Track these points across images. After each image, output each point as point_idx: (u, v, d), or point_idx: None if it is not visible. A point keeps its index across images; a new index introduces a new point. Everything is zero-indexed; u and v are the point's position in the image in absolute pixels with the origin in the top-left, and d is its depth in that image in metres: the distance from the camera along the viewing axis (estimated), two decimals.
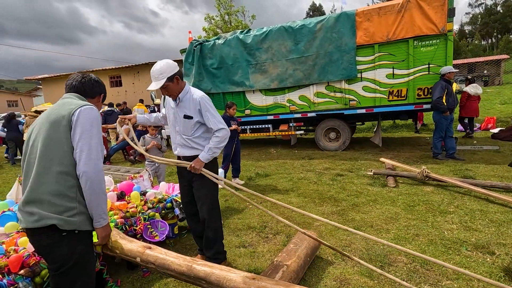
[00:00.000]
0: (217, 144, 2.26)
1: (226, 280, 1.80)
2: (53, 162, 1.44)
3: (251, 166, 6.38)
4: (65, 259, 1.44)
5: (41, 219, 1.39)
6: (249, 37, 7.42)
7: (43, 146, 1.46)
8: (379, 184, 4.48)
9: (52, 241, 1.42)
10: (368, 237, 2.01)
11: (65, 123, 1.47)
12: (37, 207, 1.41)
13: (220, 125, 2.27)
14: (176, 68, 2.22)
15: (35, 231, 1.44)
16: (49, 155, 1.45)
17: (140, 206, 2.80)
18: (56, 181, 1.43)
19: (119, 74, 20.52)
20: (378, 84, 6.50)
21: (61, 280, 1.48)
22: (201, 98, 2.28)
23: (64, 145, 1.46)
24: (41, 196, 1.41)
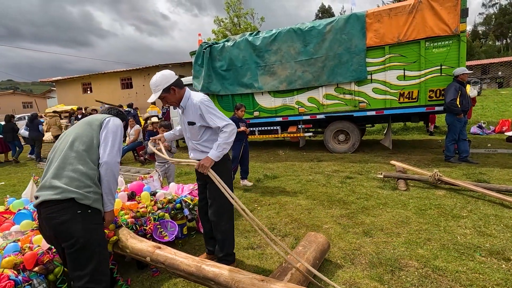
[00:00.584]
0: (226, 139, 2.22)
1: (234, 282, 1.80)
2: (82, 147, 1.79)
3: (259, 168, 6.38)
4: (79, 234, 1.62)
5: (64, 191, 1.64)
6: (258, 39, 7.45)
7: (76, 135, 1.83)
8: (389, 187, 4.41)
9: (67, 217, 1.61)
10: None
11: (97, 123, 1.90)
12: (61, 181, 1.67)
13: (225, 121, 2.27)
14: (172, 79, 2.25)
15: (53, 207, 1.63)
16: (80, 141, 1.81)
17: (150, 207, 2.84)
18: (81, 163, 1.74)
19: (130, 76, 20.87)
20: (389, 85, 6.42)
21: (78, 256, 1.63)
22: (200, 102, 2.28)
23: (94, 138, 1.84)
24: (67, 173, 1.70)
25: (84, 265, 1.64)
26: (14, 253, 1.97)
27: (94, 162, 1.80)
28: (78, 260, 1.64)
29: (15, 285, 1.76)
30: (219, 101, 8.39)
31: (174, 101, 2.33)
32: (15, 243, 2.07)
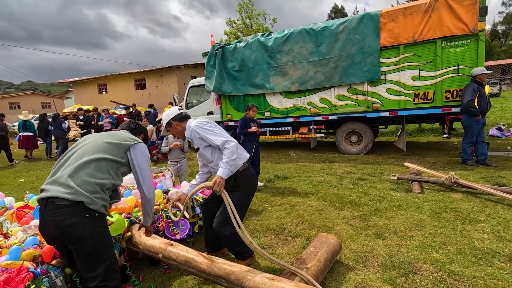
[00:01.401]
0: (230, 155, 2.22)
1: (245, 280, 1.81)
2: (104, 156, 1.87)
3: (270, 168, 6.38)
4: (88, 237, 1.65)
5: (75, 193, 1.67)
6: (270, 39, 7.45)
7: (102, 147, 1.90)
8: (403, 189, 4.32)
9: (76, 220, 1.64)
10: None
11: (125, 146, 1.97)
12: (75, 182, 1.72)
13: (224, 138, 2.29)
14: (171, 115, 2.49)
15: (61, 210, 1.65)
16: (104, 152, 1.88)
17: (163, 204, 2.88)
18: (99, 171, 1.82)
19: (144, 77, 21.26)
20: (403, 86, 6.29)
21: (88, 258, 1.67)
22: (196, 126, 2.39)
23: (117, 157, 1.92)
24: (83, 176, 1.76)
25: (96, 266, 1.68)
26: (33, 246, 2.04)
27: (109, 173, 1.87)
28: (89, 262, 1.69)
29: (34, 277, 1.83)
30: (230, 101, 8.44)
31: (178, 133, 2.51)
32: (34, 237, 2.14)
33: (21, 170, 8.28)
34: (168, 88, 19.92)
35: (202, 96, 9.14)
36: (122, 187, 3.08)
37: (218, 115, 8.78)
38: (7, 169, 8.46)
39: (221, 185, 2.12)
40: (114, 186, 1.92)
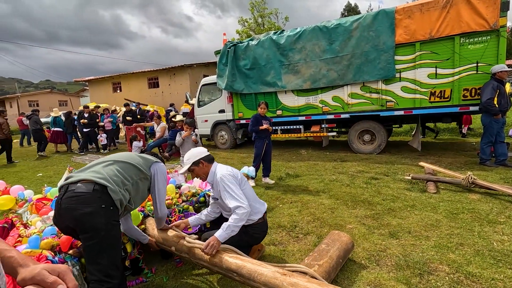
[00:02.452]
0: (236, 222, 2.13)
1: (257, 274, 1.81)
2: (130, 162, 2.08)
3: (281, 166, 6.35)
4: (101, 227, 1.67)
5: (104, 178, 1.81)
6: (282, 37, 7.42)
7: (128, 155, 2.18)
8: (417, 189, 4.22)
9: (91, 209, 1.68)
10: None
11: (150, 160, 2.23)
12: (105, 171, 1.91)
13: (237, 202, 2.19)
14: (201, 155, 2.42)
15: (79, 197, 1.72)
16: (130, 159, 2.12)
17: (175, 199, 2.92)
18: (124, 170, 2.01)
19: (156, 76, 21.55)
20: (419, 84, 6.14)
21: (95, 249, 1.67)
22: (220, 178, 2.31)
23: (141, 166, 2.13)
24: (112, 169, 1.95)
25: (100, 259, 1.65)
26: (52, 236, 2.11)
27: (132, 178, 2.03)
28: (95, 253, 1.66)
29: None
30: (242, 99, 8.46)
31: (202, 174, 2.43)
32: (53, 227, 2.21)
33: (39, 165, 8.55)
34: (181, 87, 20.13)
35: (214, 94, 9.20)
36: None
37: (230, 113, 8.82)
38: (26, 164, 8.76)
39: (214, 248, 2.02)
40: (130, 196, 1.97)
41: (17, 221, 2.51)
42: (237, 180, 2.35)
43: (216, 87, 8.86)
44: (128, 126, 9.62)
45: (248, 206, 2.21)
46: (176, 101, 17.50)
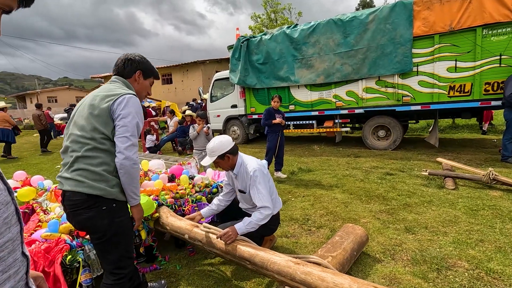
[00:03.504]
0: (259, 220, 2.13)
1: (270, 263, 1.80)
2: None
3: (293, 161, 6.31)
4: (106, 229, 1.54)
5: (88, 186, 1.48)
6: (296, 31, 7.33)
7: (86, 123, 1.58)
8: (435, 185, 4.10)
9: (93, 214, 1.50)
10: None
11: (107, 110, 1.55)
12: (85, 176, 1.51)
13: (266, 203, 2.16)
14: (228, 147, 2.27)
15: (77, 201, 1.50)
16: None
17: (189, 189, 2.94)
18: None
19: (170, 72, 21.82)
20: (437, 78, 5.94)
21: (105, 246, 1.60)
22: (253, 172, 2.22)
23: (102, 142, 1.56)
24: (91, 177, 1.52)
25: (110, 255, 1.61)
26: None
27: (112, 160, 1.58)
28: (104, 251, 1.62)
29: (70, 248, 1.94)
30: (254, 94, 8.44)
31: (227, 167, 2.36)
32: None
33: (58, 157, 8.83)
34: (194, 83, 20.31)
35: (227, 89, 9.21)
36: (150, 171, 3.18)
37: (242, 108, 8.81)
38: (45, 157, 9.06)
39: (230, 238, 2.01)
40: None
41: (37, 207, 2.59)
42: (266, 176, 2.31)
43: (228, 82, 8.87)
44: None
45: (273, 207, 2.21)
46: (190, 97, 17.64)
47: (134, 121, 1.56)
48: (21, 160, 8.76)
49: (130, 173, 1.54)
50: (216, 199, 2.59)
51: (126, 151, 1.51)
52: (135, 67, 1.75)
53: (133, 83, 1.77)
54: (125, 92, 1.60)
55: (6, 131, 8.58)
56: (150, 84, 1.87)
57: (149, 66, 1.81)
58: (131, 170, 1.54)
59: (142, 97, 1.84)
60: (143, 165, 3.27)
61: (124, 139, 1.52)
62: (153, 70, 1.85)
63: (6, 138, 8.62)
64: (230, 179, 2.52)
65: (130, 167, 1.53)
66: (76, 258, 1.91)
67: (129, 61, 1.74)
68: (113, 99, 1.55)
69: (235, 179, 2.42)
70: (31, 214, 2.56)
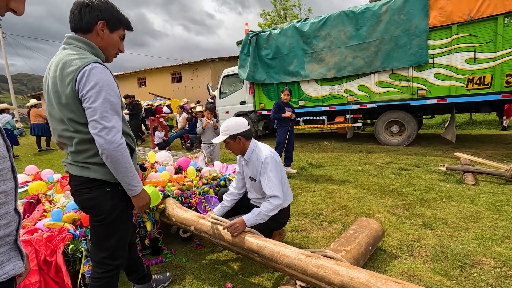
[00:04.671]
0: (268, 211, 2.01)
1: (280, 255, 1.69)
2: None
3: (303, 157, 6.17)
4: (109, 212, 1.41)
5: (95, 171, 1.36)
6: (306, 25, 7.17)
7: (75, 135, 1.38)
8: (453, 180, 3.90)
9: (97, 194, 1.38)
10: None
11: (72, 96, 1.29)
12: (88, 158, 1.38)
13: (276, 192, 2.03)
14: (241, 128, 2.16)
15: (82, 181, 1.38)
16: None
17: (196, 181, 2.86)
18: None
19: (179, 71, 21.91)
20: (455, 70, 5.68)
21: (101, 231, 1.46)
22: (265, 159, 2.09)
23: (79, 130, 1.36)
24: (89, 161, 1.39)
25: (108, 239, 1.48)
26: (74, 210, 2.11)
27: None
28: (103, 234, 1.47)
29: (73, 238, 1.88)
30: (264, 90, 8.32)
31: (237, 150, 2.23)
32: (74, 202, 2.21)
33: None
34: (203, 81, 20.31)
35: (236, 86, 9.13)
36: (157, 163, 3.12)
37: (251, 104, 8.71)
38: (57, 153, 9.20)
39: (237, 230, 1.91)
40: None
41: (43, 197, 2.56)
42: (279, 166, 2.19)
43: (237, 78, 8.78)
44: (152, 117, 9.80)
45: (283, 198, 2.09)
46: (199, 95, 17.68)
47: (99, 98, 1.24)
48: (33, 156, 8.92)
49: (115, 158, 1.28)
50: (227, 195, 2.45)
51: (103, 134, 1.24)
52: (95, 16, 1.33)
53: (95, 39, 1.38)
54: (83, 64, 1.24)
55: (40, 125, 9.27)
56: (121, 38, 1.47)
57: (114, 14, 1.40)
58: (116, 154, 1.27)
59: (111, 55, 1.47)
60: (150, 156, 3.21)
61: (94, 123, 1.25)
62: (121, 19, 1.44)
63: (40, 133, 9.34)
64: (240, 167, 2.40)
65: (113, 151, 1.26)
66: (79, 248, 1.85)
67: (87, 7, 1.32)
68: (73, 78, 1.24)
69: (246, 165, 2.29)
70: (37, 204, 2.53)
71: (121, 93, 5.90)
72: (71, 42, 1.36)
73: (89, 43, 1.36)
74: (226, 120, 2.25)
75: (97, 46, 1.39)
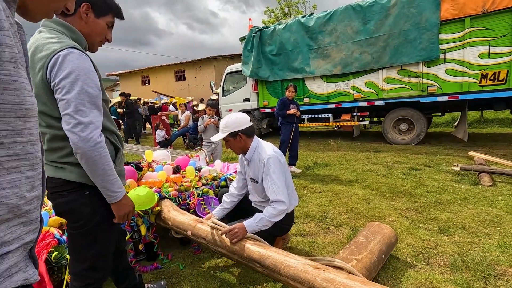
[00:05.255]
0: (271, 216, 1.83)
1: (284, 266, 1.51)
2: None
3: (308, 156, 5.97)
4: (88, 218, 1.23)
5: (71, 172, 1.19)
6: (311, 20, 6.96)
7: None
8: (468, 181, 3.68)
9: (74, 197, 1.21)
10: None
11: (43, 84, 1.12)
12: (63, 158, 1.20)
13: (280, 196, 1.85)
14: (242, 125, 1.98)
15: (58, 183, 1.20)
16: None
17: (195, 181, 2.69)
18: None
19: (183, 69, 21.79)
20: (467, 65, 5.43)
21: (80, 239, 1.27)
22: (268, 159, 1.91)
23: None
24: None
25: (88, 248, 1.29)
26: None
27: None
28: (82, 243, 1.29)
29: (58, 243, 1.72)
30: (267, 87, 8.13)
31: (238, 149, 2.06)
32: None
33: None
34: (207, 79, 20.16)
35: (239, 83, 8.95)
36: (154, 162, 2.96)
37: (255, 102, 8.53)
38: None
39: (236, 237, 1.73)
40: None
41: None
42: (283, 166, 1.99)
43: (241, 75, 8.60)
44: (154, 115, 9.67)
45: (288, 203, 1.90)
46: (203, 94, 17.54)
47: (74, 89, 1.06)
48: None
49: (91, 158, 1.09)
50: (226, 196, 2.26)
51: (77, 131, 1.06)
52: None
53: (78, 23, 1.20)
54: (58, 48, 1.07)
55: None
56: (108, 26, 1.29)
57: None
58: (92, 154, 1.08)
59: (95, 43, 1.29)
60: (147, 155, 3.05)
61: (67, 118, 1.06)
62: (111, 4, 1.26)
63: None
64: (242, 166, 2.21)
65: (89, 150, 1.07)
66: (64, 255, 1.69)
67: None
68: (45, 64, 1.07)
69: (247, 166, 2.12)
70: None
71: (124, 92, 5.61)
72: (48, 24, 1.18)
73: (69, 26, 1.18)
74: (226, 115, 2.08)
75: (79, 31, 1.21)
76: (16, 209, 0.61)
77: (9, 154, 0.59)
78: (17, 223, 0.62)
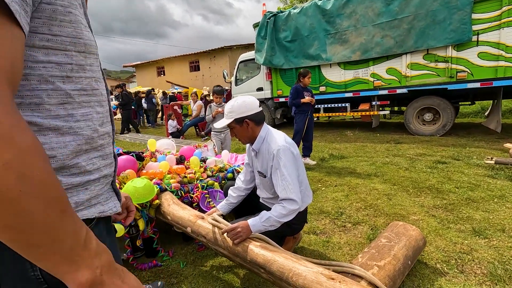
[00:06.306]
0: (280, 216, 1.60)
1: (292, 274, 1.29)
2: None
3: (323, 147, 5.67)
4: None
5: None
6: (329, 2, 6.52)
7: None
8: (504, 176, 3.29)
9: None
10: None
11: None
12: None
13: (291, 194, 1.60)
14: (250, 110, 1.73)
15: None
16: None
17: (199, 173, 2.50)
18: None
19: (197, 59, 21.66)
20: (504, 48, 4.89)
21: None
22: (277, 151, 1.66)
23: None
24: None
25: None
26: None
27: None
28: None
29: None
30: (281, 76, 7.81)
31: (245, 137, 1.82)
32: None
33: None
34: (221, 69, 19.93)
35: (252, 72, 8.66)
36: (158, 152, 2.79)
37: (268, 91, 8.23)
38: None
39: (238, 236, 1.53)
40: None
41: None
42: (296, 159, 1.73)
43: (254, 64, 8.30)
44: (166, 105, 9.59)
45: (301, 201, 1.64)
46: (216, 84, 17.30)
47: None
48: None
49: None
50: (232, 190, 2.03)
51: None
52: None
53: None
54: None
55: None
56: None
57: None
58: None
59: None
60: (150, 144, 2.89)
61: None
62: None
63: None
64: (250, 157, 1.97)
65: None
66: None
67: None
68: None
69: (255, 157, 1.87)
70: None
71: (140, 83, 5.24)
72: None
73: None
74: (232, 99, 1.83)
75: None
76: (92, 141, 0.61)
77: (78, 89, 0.59)
78: (96, 155, 0.63)
